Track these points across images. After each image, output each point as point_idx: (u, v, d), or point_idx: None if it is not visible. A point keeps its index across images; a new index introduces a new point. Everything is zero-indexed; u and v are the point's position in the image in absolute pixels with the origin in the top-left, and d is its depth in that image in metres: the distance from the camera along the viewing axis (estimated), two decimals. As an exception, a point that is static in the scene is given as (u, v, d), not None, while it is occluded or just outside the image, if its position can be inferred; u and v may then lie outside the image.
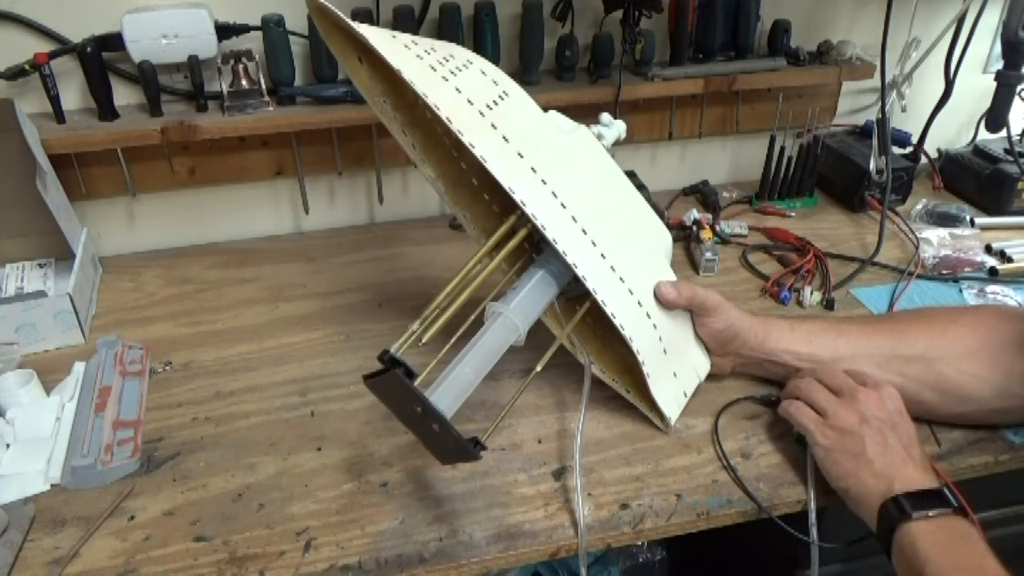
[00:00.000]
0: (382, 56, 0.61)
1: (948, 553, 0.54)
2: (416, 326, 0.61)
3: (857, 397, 0.65)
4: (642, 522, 0.64)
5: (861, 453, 0.62)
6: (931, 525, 0.56)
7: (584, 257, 0.65)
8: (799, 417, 0.67)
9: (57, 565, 0.60)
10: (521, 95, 0.68)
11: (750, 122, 1.21)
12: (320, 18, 0.67)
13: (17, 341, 0.83)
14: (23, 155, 0.87)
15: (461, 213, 0.77)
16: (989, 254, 1.01)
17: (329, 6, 0.64)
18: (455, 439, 0.55)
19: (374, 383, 0.57)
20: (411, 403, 0.56)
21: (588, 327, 0.77)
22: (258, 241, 1.10)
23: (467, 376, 0.60)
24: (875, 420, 0.63)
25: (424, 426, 0.57)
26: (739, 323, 0.73)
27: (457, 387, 0.59)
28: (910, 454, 0.62)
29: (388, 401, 0.61)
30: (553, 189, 0.64)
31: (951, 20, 1.11)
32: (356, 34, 0.62)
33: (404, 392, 0.55)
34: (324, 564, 0.60)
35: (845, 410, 0.65)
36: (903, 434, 0.64)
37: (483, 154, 0.61)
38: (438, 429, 0.55)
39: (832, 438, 0.64)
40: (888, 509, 0.58)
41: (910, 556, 0.55)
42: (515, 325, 0.63)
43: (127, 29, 0.90)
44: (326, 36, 0.68)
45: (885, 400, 0.65)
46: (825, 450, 0.64)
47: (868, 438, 0.62)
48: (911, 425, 0.65)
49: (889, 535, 0.57)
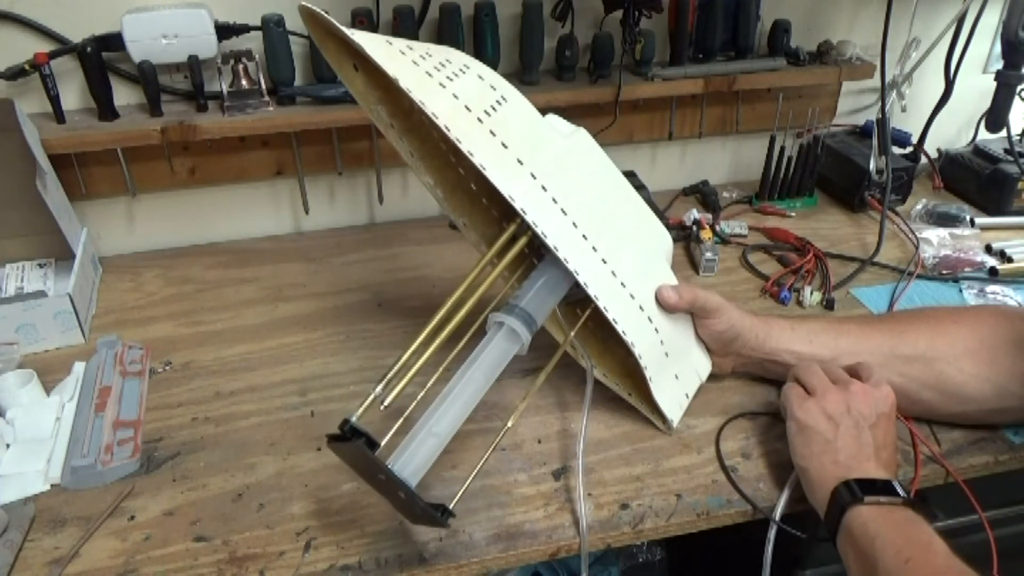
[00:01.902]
0: (377, 63, 0.60)
1: (898, 531, 0.55)
2: (379, 389, 0.59)
3: (849, 388, 0.65)
4: (642, 522, 0.64)
5: (832, 439, 0.62)
6: (882, 509, 0.56)
7: (585, 263, 0.64)
8: (787, 390, 0.68)
9: (57, 565, 0.60)
10: (519, 99, 0.67)
11: (750, 122, 1.21)
12: (313, 26, 0.66)
13: (17, 341, 0.83)
14: (23, 155, 0.87)
15: (460, 220, 0.77)
16: (989, 254, 1.01)
17: (321, 13, 0.63)
18: (421, 508, 0.54)
19: (336, 447, 0.57)
20: (375, 471, 0.55)
21: (589, 330, 0.77)
22: (258, 241, 1.10)
23: (436, 438, 0.58)
24: (856, 413, 0.63)
25: (390, 491, 0.57)
26: (740, 324, 0.73)
27: (425, 450, 0.57)
28: (879, 455, 0.62)
29: (353, 465, 0.61)
30: (553, 195, 0.64)
31: (951, 20, 1.11)
32: (350, 41, 0.61)
33: (367, 461, 0.55)
34: (324, 564, 0.60)
35: (833, 394, 0.65)
36: (880, 434, 0.63)
37: (482, 162, 0.60)
38: (404, 496, 0.55)
39: (810, 414, 0.64)
40: (840, 492, 0.58)
41: (859, 536, 0.56)
42: (518, 335, 0.63)
43: (127, 29, 0.90)
44: (320, 44, 0.67)
45: (876, 399, 0.65)
46: (799, 425, 0.65)
47: (843, 428, 0.63)
48: (893, 430, 0.65)
49: (839, 517, 0.58)
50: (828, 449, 0.62)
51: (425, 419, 0.59)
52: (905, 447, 0.71)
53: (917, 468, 0.69)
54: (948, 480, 0.69)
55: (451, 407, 0.59)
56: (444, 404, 0.59)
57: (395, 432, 0.59)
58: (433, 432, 0.58)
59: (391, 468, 0.55)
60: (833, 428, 0.63)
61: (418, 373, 0.60)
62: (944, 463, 0.68)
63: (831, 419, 0.63)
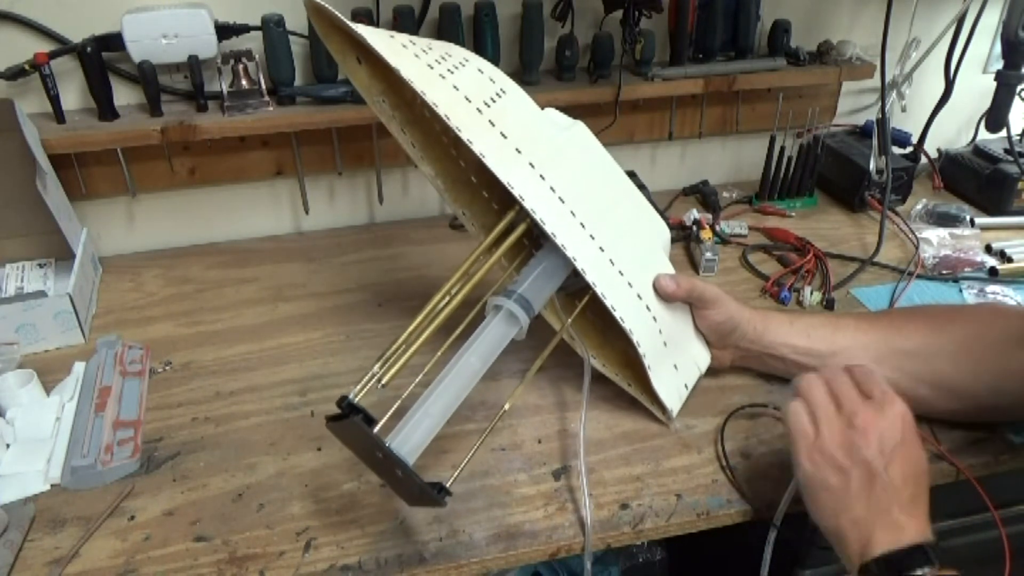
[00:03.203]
0: (380, 55, 0.61)
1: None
2: (377, 368, 0.59)
3: (855, 423, 0.57)
4: (642, 522, 0.64)
5: (844, 495, 0.56)
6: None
7: (583, 251, 0.65)
8: (792, 424, 0.60)
9: (57, 565, 0.60)
10: (518, 92, 0.68)
11: (750, 122, 1.21)
12: (318, 19, 0.67)
13: (17, 341, 0.83)
14: (23, 155, 0.87)
15: (461, 211, 0.78)
16: (989, 254, 1.01)
17: (327, 7, 0.64)
18: (419, 485, 0.54)
19: (335, 427, 0.57)
20: (373, 449, 0.55)
21: (588, 322, 0.77)
22: (258, 241, 1.10)
23: (433, 418, 0.58)
24: (868, 457, 0.55)
25: (388, 471, 0.57)
26: (738, 315, 0.73)
27: (423, 429, 0.58)
28: (901, 497, 0.55)
29: (352, 445, 0.61)
30: (552, 184, 0.65)
31: (951, 20, 1.11)
32: (354, 34, 0.62)
33: (365, 438, 0.55)
34: (324, 564, 0.60)
35: (838, 435, 0.57)
36: (899, 471, 0.55)
37: (481, 150, 0.61)
38: (401, 475, 0.55)
39: (818, 467, 0.57)
40: (869, 572, 0.53)
41: None
42: (516, 317, 0.63)
43: (127, 29, 0.90)
44: (324, 37, 0.68)
45: (886, 431, 0.56)
46: (806, 476, 0.58)
47: (855, 479, 0.55)
48: (916, 455, 0.57)
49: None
50: (843, 507, 0.56)
51: (422, 400, 0.59)
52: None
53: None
54: (948, 480, 0.70)
55: (448, 389, 0.60)
56: (442, 385, 0.60)
57: (392, 415, 0.59)
58: (429, 412, 0.58)
59: (389, 446, 0.55)
60: (844, 481, 0.56)
61: (416, 353, 0.60)
62: (955, 461, 0.68)
63: (840, 470, 0.56)
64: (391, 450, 0.54)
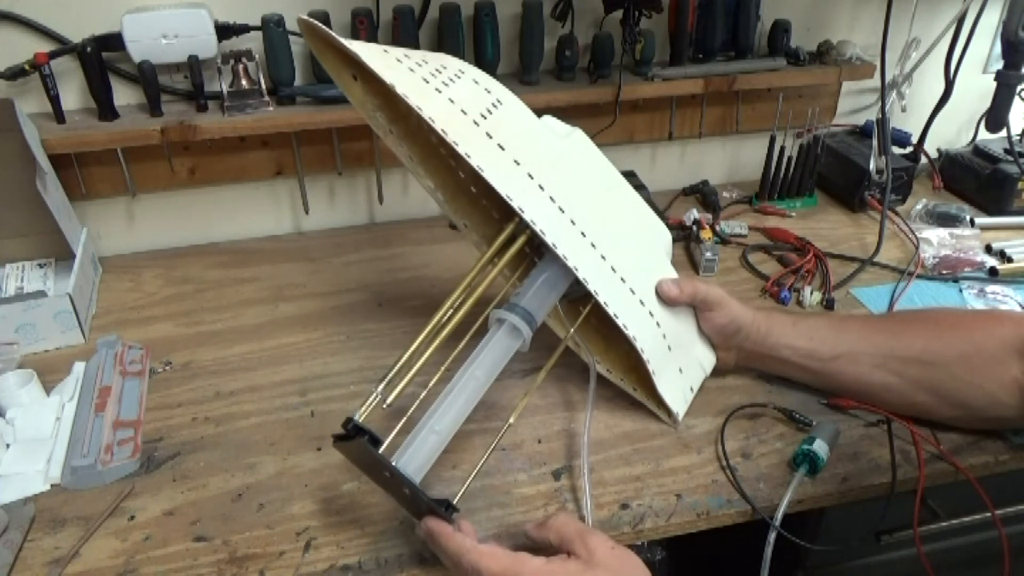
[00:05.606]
0: (374, 72, 0.61)
1: None
2: (381, 388, 0.60)
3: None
4: (642, 522, 0.64)
5: None
6: None
7: (585, 260, 0.65)
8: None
9: (57, 565, 0.60)
10: (515, 102, 0.68)
11: (750, 122, 1.21)
12: (312, 37, 0.67)
13: (17, 341, 0.83)
14: (23, 155, 0.87)
15: (462, 222, 0.77)
16: (989, 254, 1.01)
17: (319, 25, 0.64)
18: (427, 504, 0.55)
19: (341, 446, 0.58)
20: (379, 468, 0.56)
21: (592, 327, 0.77)
22: (258, 241, 1.10)
23: (439, 435, 0.59)
24: None
25: (395, 488, 0.57)
26: (742, 317, 0.73)
27: (428, 447, 0.58)
28: None
29: (358, 463, 0.61)
30: (551, 194, 0.65)
31: (951, 20, 1.11)
32: (348, 52, 0.62)
33: (371, 458, 0.56)
34: (324, 564, 0.60)
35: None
36: None
37: (479, 163, 0.61)
38: (408, 493, 0.55)
39: None
40: None
41: None
42: (519, 331, 0.63)
43: (127, 29, 0.90)
44: (319, 55, 0.68)
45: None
46: None
47: None
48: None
49: None
50: None
51: (427, 417, 0.59)
52: (906, 447, 0.71)
53: (921, 468, 0.68)
54: (948, 480, 0.70)
55: (453, 404, 0.60)
56: (446, 402, 0.60)
57: (398, 431, 0.59)
58: (435, 429, 0.59)
59: (395, 465, 0.55)
60: None
61: (419, 372, 0.60)
62: (955, 461, 0.68)
63: None
64: (398, 470, 0.55)
